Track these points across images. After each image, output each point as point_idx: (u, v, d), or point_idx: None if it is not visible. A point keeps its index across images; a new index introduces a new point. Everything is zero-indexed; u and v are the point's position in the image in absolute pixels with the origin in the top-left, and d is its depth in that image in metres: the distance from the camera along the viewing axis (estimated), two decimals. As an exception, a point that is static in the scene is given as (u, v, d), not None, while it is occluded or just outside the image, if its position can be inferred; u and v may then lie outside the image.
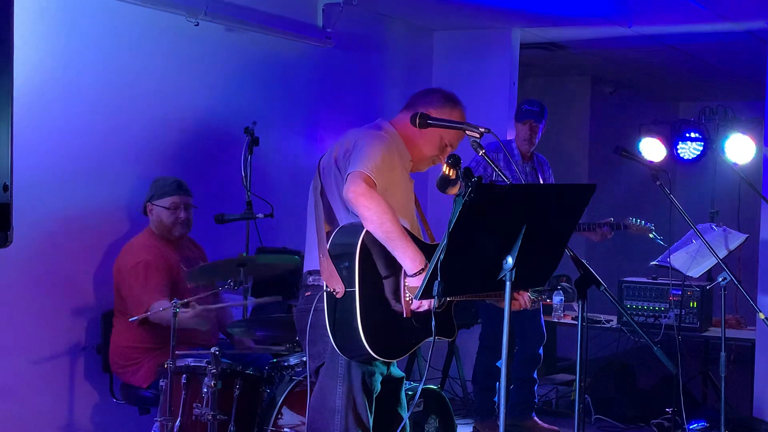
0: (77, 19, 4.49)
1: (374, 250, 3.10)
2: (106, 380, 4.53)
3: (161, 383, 3.81)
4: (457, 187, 3.39)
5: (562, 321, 6.35)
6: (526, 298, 3.48)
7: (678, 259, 5.06)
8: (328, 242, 3.16)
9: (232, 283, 3.87)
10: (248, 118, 5.05)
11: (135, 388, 4.32)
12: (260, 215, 4.84)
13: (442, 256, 2.56)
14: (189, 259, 4.47)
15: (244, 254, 4.55)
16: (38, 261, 4.35)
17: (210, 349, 3.68)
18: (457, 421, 4.43)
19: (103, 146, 4.64)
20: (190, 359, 3.83)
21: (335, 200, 3.26)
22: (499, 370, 5.60)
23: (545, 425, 5.70)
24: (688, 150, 7.20)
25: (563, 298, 6.40)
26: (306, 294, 3.29)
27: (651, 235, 5.81)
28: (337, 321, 3.10)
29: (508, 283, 2.66)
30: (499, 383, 5.59)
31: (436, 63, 6.96)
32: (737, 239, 5.04)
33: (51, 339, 4.47)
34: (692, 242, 5.07)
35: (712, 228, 5.13)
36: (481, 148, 3.03)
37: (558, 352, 7.55)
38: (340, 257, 3.11)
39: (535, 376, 5.69)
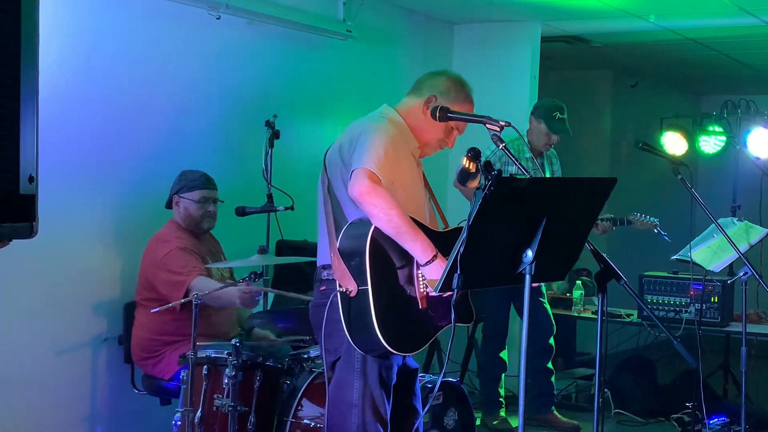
0: (99, 12, 4.52)
1: (385, 243, 3.09)
2: (128, 371, 4.57)
3: (182, 374, 3.83)
4: (477, 180, 3.40)
5: (582, 315, 6.34)
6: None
7: (699, 254, 5.04)
8: (337, 240, 3.15)
9: (254, 276, 3.89)
10: (269, 111, 5.07)
11: (157, 379, 4.35)
12: (281, 208, 4.85)
13: (462, 249, 2.56)
14: (212, 252, 4.49)
15: (265, 247, 4.57)
16: (61, 252, 4.38)
17: (231, 341, 3.70)
18: (476, 414, 4.43)
19: (125, 139, 4.67)
20: (211, 350, 3.85)
21: (343, 195, 3.24)
22: (503, 361, 5.65)
23: (564, 419, 5.70)
24: (710, 144, 7.17)
25: (583, 291, 6.38)
26: (321, 288, 3.28)
27: (655, 231, 5.79)
28: (352, 318, 3.09)
29: (527, 277, 2.66)
30: (505, 374, 5.65)
31: (457, 56, 6.95)
32: (759, 233, 5.01)
33: (73, 330, 4.51)
34: (713, 236, 5.05)
35: (733, 222, 5.11)
36: (502, 141, 3.03)
37: (578, 346, 7.53)
38: (350, 255, 3.10)
39: (550, 366, 5.70)
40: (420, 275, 3.12)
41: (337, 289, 3.11)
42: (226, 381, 3.70)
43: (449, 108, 3.23)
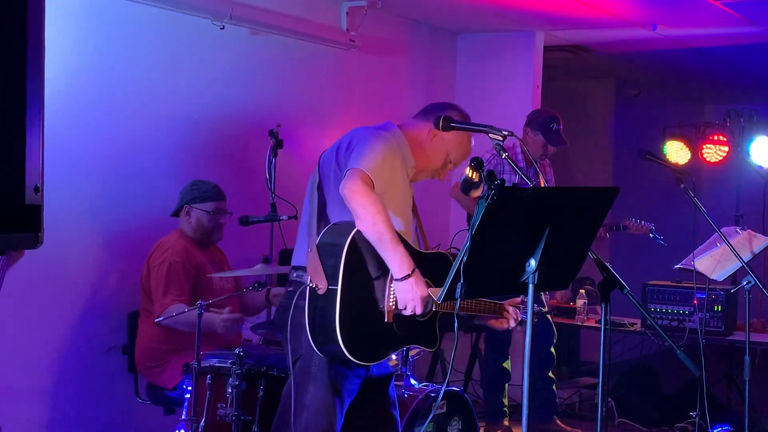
0: (104, 23, 4.54)
1: (364, 250, 3.05)
2: (132, 380, 4.57)
3: (186, 384, 3.83)
4: (480, 189, 3.41)
5: (585, 324, 6.34)
6: (511, 319, 3.31)
7: (702, 263, 5.04)
8: (318, 237, 3.12)
9: (257, 285, 3.90)
10: (273, 120, 5.08)
11: (160, 388, 4.35)
12: (284, 217, 4.86)
13: (465, 258, 2.56)
14: (215, 262, 4.50)
15: (269, 257, 4.58)
16: (65, 262, 4.40)
17: (234, 350, 3.71)
18: (479, 423, 4.43)
19: (130, 148, 4.69)
20: (214, 360, 3.86)
21: (331, 195, 3.21)
22: (506, 371, 5.65)
23: (567, 428, 5.70)
24: (713, 153, 7.17)
25: (587, 301, 6.38)
26: (288, 289, 3.26)
27: (651, 235, 5.82)
28: (317, 318, 3.05)
29: (530, 286, 2.66)
30: (509, 384, 5.65)
31: (460, 65, 6.97)
32: (762, 242, 5.01)
33: (77, 339, 4.52)
34: (717, 245, 5.05)
35: (736, 231, 5.11)
36: (504, 151, 3.04)
37: (581, 355, 7.53)
38: (327, 254, 3.06)
39: (551, 375, 5.70)
40: (392, 289, 3.09)
41: (307, 283, 3.06)
42: (229, 390, 3.69)
43: (452, 118, 3.24)
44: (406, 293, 3.04)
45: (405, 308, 3.07)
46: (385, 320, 3.09)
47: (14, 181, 1.65)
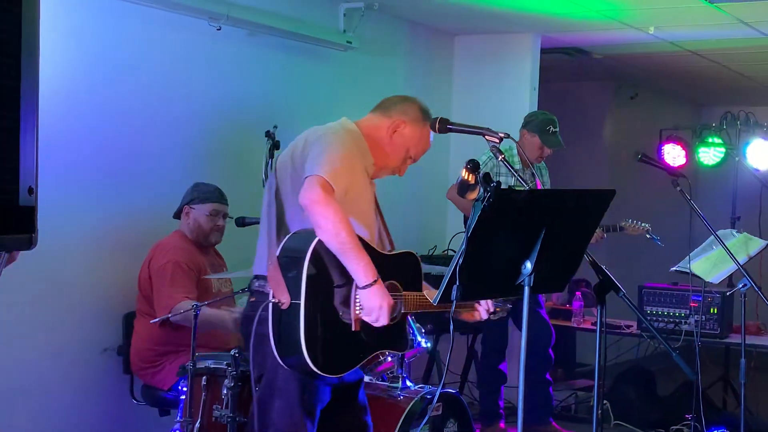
0: (100, 23, 4.53)
1: (327, 259, 2.98)
2: (127, 382, 4.56)
3: (181, 385, 3.83)
4: (477, 192, 3.40)
5: (581, 326, 6.34)
6: (482, 310, 3.30)
7: (698, 265, 5.04)
8: (278, 249, 3.03)
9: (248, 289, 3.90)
10: (269, 121, 5.07)
11: (156, 389, 4.35)
12: (280, 219, 4.85)
13: (461, 261, 2.55)
14: (214, 266, 4.50)
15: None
16: (60, 263, 4.38)
17: (230, 352, 3.70)
18: (475, 425, 4.43)
19: (125, 150, 4.68)
20: (210, 361, 3.85)
21: (289, 202, 3.14)
22: (502, 372, 5.65)
23: (563, 430, 5.69)
24: (710, 155, 7.18)
25: (583, 303, 6.39)
26: (251, 300, 3.19)
27: (648, 236, 5.83)
28: (282, 333, 2.97)
29: (526, 288, 2.66)
30: (505, 386, 5.65)
31: (457, 67, 6.96)
32: (758, 245, 5.01)
33: (72, 340, 4.51)
34: (713, 248, 5.05)
35: (732, 234, 5.11)
36: (501, 153, 3.04)
37: (577, 357, 7.53)
38: (288, 266, 2.98)
39: (548, 377, 5.70)
40: (357, 297, 3.02)
41: (270, 299, 2.99)
42: (225, 392, 3.69)
43: (449, 120, 3.23)
44: (371, 301, 2.99)
45: (371, 316, 3.01)
46: (353, 329, 3.03)
47: (8, 182, 1.64)
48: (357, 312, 3.04)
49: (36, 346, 4.35)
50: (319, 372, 2.97)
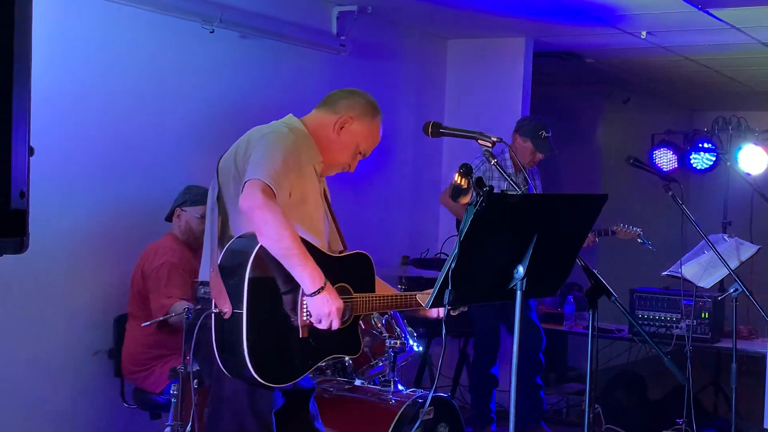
0: (93, 26, 4.52)
1: (271, 264, 2.88)
2: (118, 385, 4.55)
3: (172, 388, 3.82)
4: (469, 196, 3.40)
5: (573, 330, 6.34)
6: (434, 310, 3.26)
7: (690, 270, 5.05)
8: (220, 255, 2.94)
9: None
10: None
11: (147, 393, 4.34)
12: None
13: (453, 264, 2.55)
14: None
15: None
16: (51, 265, 4.37)
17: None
18: (467, 429, 4.43)
19: (118, 152, 4.67)
20: (201, 364, 3.84)
21: (232, 206, 3.03)
22: (493, 376, 5.65)
23: (555, 434, 5.71)
24: (701, 160, 7.19)
25: (575, 307, 6.39)
26: (197, 307, 3.12)
27: (639, 240, 5.85)
28: (225, 343, 2.90)
29: (519, 293, 2.66)
30: (496, 390, 5.65)
31: (450, 71, 6.97)
32: (749, 250, 5.03)
33: (63, 343, 4.50)
34: (704, 253, 5.07)
35: (724, 239, 5.13)
36: (493, 157, 3.04)
37: (569, 361, 7.54)
38: (230, 273, 2.89)
39: (539, 381, 5.70)
40: (304, 303, 2.95)
41: (212, 308, 2.91)
42: (216, 395, 3.68)
43: (441, 123, 3.22)
44: (320, 308, 2.91)
45: (321, 323, 2.94)
46: (300, 336, 2.96)
47: (-1, 185, 1.63)
48: (305, 318, 2.96)
49: (26, 349, 4.34)
50: (265, 383, 2.90)
